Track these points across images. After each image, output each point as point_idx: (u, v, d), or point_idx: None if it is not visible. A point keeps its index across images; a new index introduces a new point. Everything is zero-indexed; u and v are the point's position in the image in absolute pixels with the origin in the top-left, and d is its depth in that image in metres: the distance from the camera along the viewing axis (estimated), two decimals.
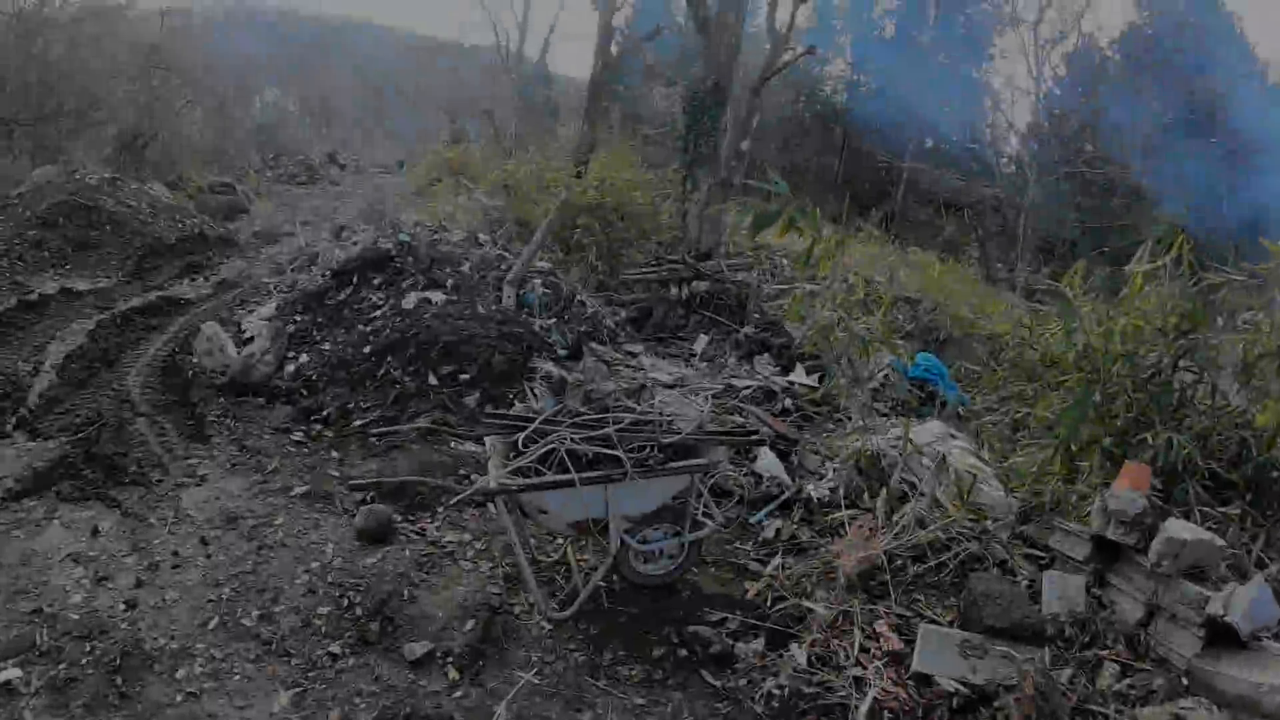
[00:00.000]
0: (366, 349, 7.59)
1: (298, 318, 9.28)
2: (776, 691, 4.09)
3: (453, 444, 6.25)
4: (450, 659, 4.17)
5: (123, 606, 4.37)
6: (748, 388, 8.91)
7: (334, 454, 6.26)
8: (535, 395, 4.61)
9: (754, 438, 4.67)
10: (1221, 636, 3.89)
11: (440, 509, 5.55)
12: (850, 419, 7.30)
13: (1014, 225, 22.29)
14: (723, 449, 4.92)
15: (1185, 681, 3.91)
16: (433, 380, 6.91)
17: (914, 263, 17.08)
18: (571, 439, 4.27)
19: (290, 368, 7.76)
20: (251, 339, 8.78)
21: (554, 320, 9.35)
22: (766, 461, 6.32)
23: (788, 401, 8.67)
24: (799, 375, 9.72)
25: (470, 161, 21.53)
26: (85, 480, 5.66)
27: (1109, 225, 22.37)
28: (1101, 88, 21.89)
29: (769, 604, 4.79)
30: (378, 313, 8.67)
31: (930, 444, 5.51)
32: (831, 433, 8.02)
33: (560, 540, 5.09)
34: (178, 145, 21.44)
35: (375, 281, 9.54)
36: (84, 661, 3.91)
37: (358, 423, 6.54)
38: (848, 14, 31.17)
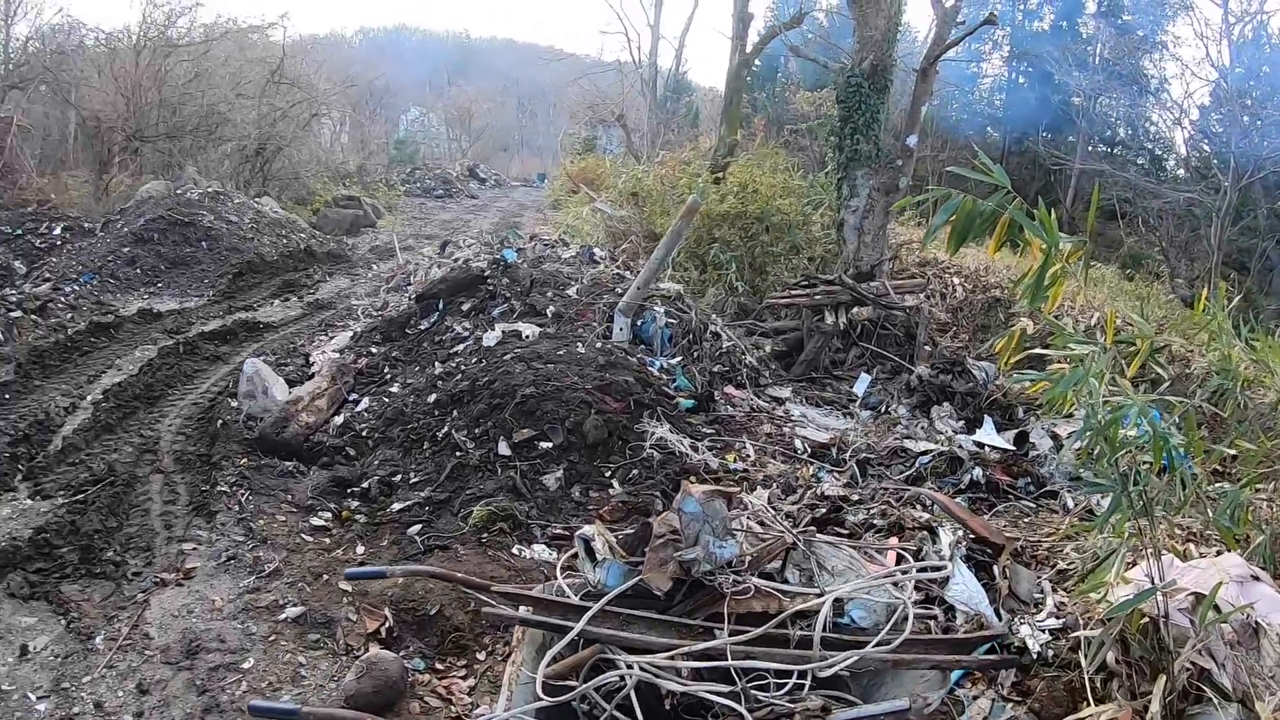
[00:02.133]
0: (432, 398, 5.85)
1: (373, 349, 7.73)
2: None
3: (516, 548, 4.38)
4: None
5: None
6: (926, 453, 6.68)
7: (359, 549, 4.50)
8: (592, 556, 2.53)
9: (999, 658, 2.39)
10: None
11: (481, 654, 3.71)
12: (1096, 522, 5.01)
13: (1201, 235, 18.53)
14: (937, 674, 2.57)
15: None
16: (504, 449, 5.06)
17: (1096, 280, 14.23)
18: (652, 666, 2.22)
19: (340, 418, 6.13)
20: (314, 376, 7.29)
21: (678, 359, 7.41)
22: (961, 588, 4.06)
23: (976, 472, 6.39)
24: (989, 434, 7.37)
25: (600, 170, 20.04)
26: (51, 565, 4.50)
27: None
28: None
29: None
30: (460, 347, 6.99)
31: (1233, 604, 3.20)
32: (1032, 517, 5.71)
33: None
34: (305, 160, 21.08)
35: (465, 308, 7.90)
36: None
37: (397, 506, 4.75)
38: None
